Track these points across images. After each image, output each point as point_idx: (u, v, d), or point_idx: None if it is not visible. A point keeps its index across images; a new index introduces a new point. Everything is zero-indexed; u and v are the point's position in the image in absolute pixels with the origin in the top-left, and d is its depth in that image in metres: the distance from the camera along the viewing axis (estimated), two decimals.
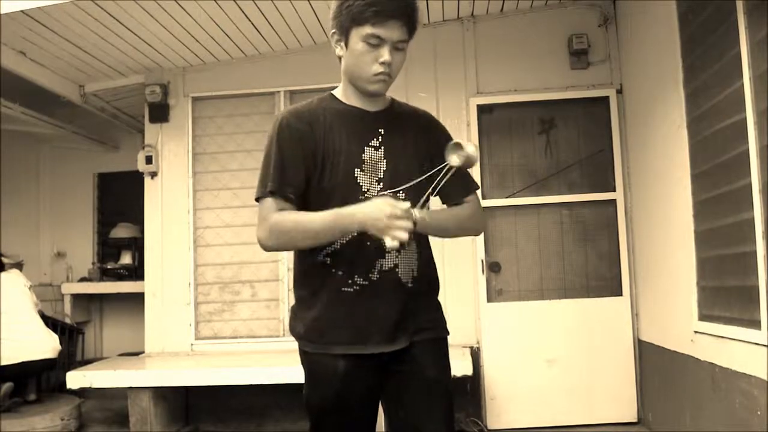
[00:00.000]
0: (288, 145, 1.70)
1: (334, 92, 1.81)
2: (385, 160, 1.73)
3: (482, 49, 4.73)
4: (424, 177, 1.70)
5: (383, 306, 1.71)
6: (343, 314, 1.71)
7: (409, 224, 1.53)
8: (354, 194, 1.69)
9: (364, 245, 1.68)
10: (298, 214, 1.67)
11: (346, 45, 1.69)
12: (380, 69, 1.66)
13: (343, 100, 1.78)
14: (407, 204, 1.56)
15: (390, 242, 1.53)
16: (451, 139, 1.88)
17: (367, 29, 1.64)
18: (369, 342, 1.71)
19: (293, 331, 1.81)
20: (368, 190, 1.71)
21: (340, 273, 1.71)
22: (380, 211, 1.54)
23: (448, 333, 1.86)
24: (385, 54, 1.65)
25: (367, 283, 1.71)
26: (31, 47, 4.41)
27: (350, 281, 1.71)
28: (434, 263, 1.87)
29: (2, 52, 4.26)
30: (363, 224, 1.57)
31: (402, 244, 1.59)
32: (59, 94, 5.10)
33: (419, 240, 1.77)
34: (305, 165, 1.70)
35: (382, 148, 1.75)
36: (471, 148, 1.62)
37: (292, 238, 1.69)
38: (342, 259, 1.71)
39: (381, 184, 1.72)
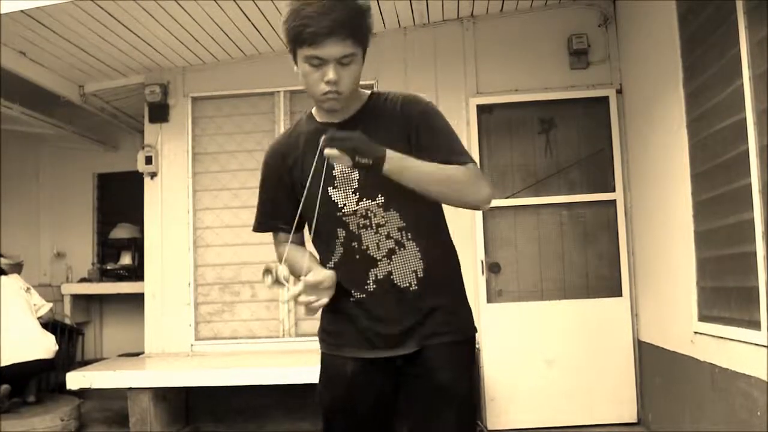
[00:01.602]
0: (268, 182, 1.83)
1: (313, 109, 1.79)
2: (356, 170, 1.67)
3: (482, 49, 4.73)
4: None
5: (386, 313, 1.70)
6: (347, 325, 1.74)
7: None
8: (333, 212, 1.70)
9: (353, 259, 1.71)
10: (295, 254, 1.75)
11: (296, 64, 1.64)
12: (326, 88, 1.60)
13: (316, 116, 1.77)
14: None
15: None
16: (437, 114, 1.74)
17: (306, 51, 1.56)
18: (375, 348, 1.72)
19: (318, 331, 1.88)
20: (345, 204, 1.69)
21: (340, 285, 1.71)
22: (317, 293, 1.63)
23: (475, 331, 1.81)
24: (329, 73, 1.57)
25: (364, 295, 1.71)
26: (31, 47, 4.41)
27: (352, 291, 1.72)
28: (450, 257, 1.81)
29: (2, 52, 4.26)
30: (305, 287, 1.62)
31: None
32: (59, 94, 5.10)
33: (421, 237, 1.72)
34: (287, 196, 1.78)
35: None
36: (281, 269, 1.67)
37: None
38: (340, 273, 1.71)
39: (356, 194, 1.69)
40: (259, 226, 1.89)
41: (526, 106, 4.69)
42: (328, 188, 1.69)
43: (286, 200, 1.79)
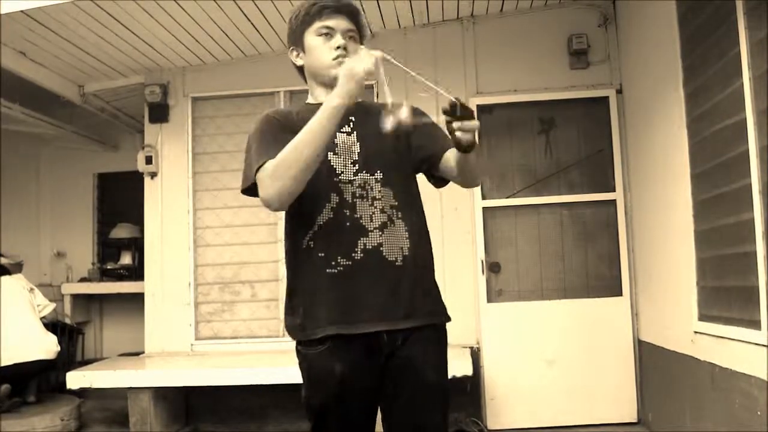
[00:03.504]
0: (274, 129, 1.75)
1: (308, 99, 1.90)
2: (358, 143, 1.78)
3: (482, 49, 4.74)
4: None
5: (370, 285, 1.70)
6: (328, 295, 1.70)
7: (374, 53, 1.60)
8: (329, 176, 1.72)
9: (344, 225, 1.70)
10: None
11: (303, 49, 1.84)
12: (336, 53, 1.78)
13: (312, 101, 1.86)
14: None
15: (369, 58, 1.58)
16: (426, 116, 1.86)
17: (317, 24, 1.81)
18: (358, 321, 1.69)
19: (286, 325, 1.81)
20: (342, 172, 1.74)
21: (321, 254, 1.71)
22: (354, 61, 1.61)
23: (448, 319, 1.83)
24: (338, 39, 1.79)
25: (350, 263, 1.69)
26: (31, 47, 4.41)
27: (333, 262, 1.70)
28: (428, 242, 1.84)
29: (2, 52, 4.26)
30: (343, 83, 1.58)
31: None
32: (59, 94, 5.10)
33: (408, 218, 1.77)
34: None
35: (354, 132, 1.80)
36: (403, 110, 1.61)
37: (293, 163, 1.59)
38: (323, 241, 1.71)
39: (356, 165, 1.76)
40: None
41: (526, 106, 4.69)
42: (329, 153, 1.73)
43: None
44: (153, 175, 5.02)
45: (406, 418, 1.75)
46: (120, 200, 6.55)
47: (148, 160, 4.98)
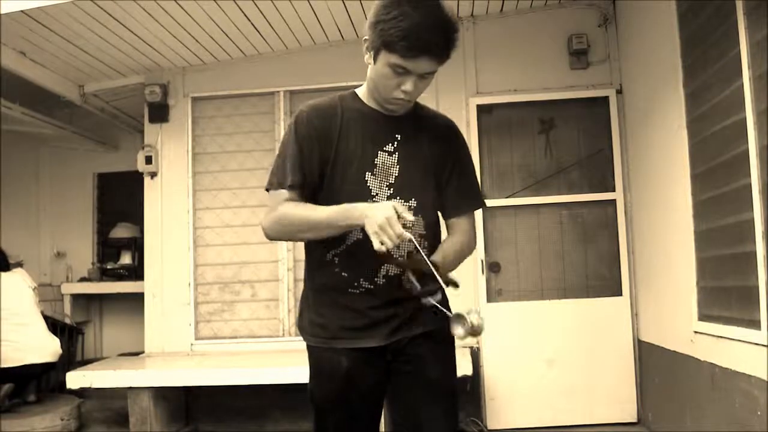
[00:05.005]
0: (305, 141, 1.72)
1: (357, 90, 1.82)
2: (397, 166, 1.74)
3: (482, 49, 4.74)
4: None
5: (388, 310, 1.73)
6: (347, 314, 1.73)
7: (395, 239, 1.51)
8: (363, 197, 1.70)
9: (370, 249, 1.67)
10: (305, 206, 1.69)
11: (374, 59, 1.67)
12: (401, 96, 1.67)
13: (365, 100, 1.79)
14: (413, 217, 1.57)
15: (377, 245, 1.52)
16: (469, 151, 1.91)
17: (395, 59, 1.60)
18: (371, 338, 1.73)
19: (299, 325, 1.84)
20: (377, 194, 1.72)
21: (345, 274, 1.73)
22: (381, 211, 1.53)
23: None
24: (408, 84, 1.64)
25: (372, 286, 1.72)
26: (31, 47, 4.41)
27: (356, 283, 1.72)
28: None
29: (2, 52, 4.26)
30: (363, 218, 1.56)
31: (389, 254, 1.62)
32: (59, 94, 5.10)
33: (432, 248, 1.77)
34: (319, 162, 1.71)
35: (396, 153, 1.75)
36: (474, 317, 1.60)
37: (294, 231, 1.73)
38: (348, 261, 1.72)
39: (391, 189, 1.73)
40: (280, 186, 1.70)
41: (526, 106, 4.69)
42: (366, 172, 1.72)
43: (316, 165, 1.71)
44: (153, 175, 5.02)
45: (411, 415, 1.76)
46: (120, 200, 6.55)
47: (148, 160, 4.98)
